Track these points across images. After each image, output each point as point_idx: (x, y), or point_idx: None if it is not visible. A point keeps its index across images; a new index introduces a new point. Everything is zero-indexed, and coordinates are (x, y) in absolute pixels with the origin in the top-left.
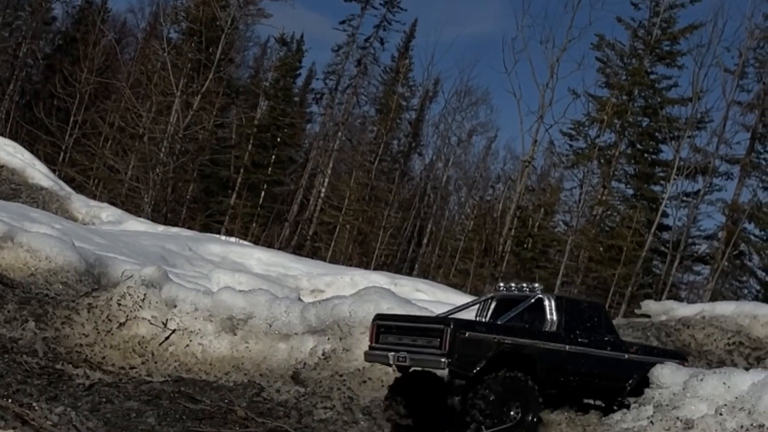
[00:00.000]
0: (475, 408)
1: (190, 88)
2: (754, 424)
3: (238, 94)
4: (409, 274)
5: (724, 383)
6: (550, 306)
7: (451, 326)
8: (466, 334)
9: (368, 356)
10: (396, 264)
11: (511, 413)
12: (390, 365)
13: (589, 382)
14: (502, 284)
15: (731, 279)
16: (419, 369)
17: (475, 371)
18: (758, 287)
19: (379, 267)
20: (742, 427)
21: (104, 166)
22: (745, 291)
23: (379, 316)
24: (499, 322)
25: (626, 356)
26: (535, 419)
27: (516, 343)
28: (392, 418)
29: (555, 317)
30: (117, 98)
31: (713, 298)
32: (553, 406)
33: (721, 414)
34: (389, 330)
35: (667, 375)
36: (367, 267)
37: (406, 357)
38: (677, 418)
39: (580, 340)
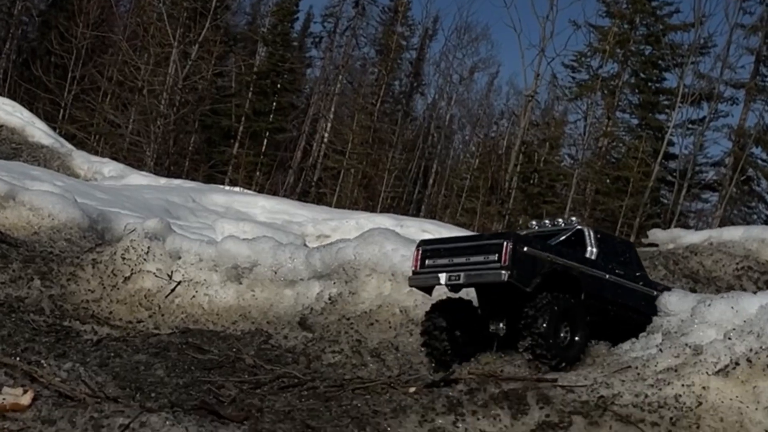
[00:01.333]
0: (529, 328)
1: (187, 37)
2: (763, 347)
3: (236, 41)
4: (416, 215)
5: (732, 307)
6: (589, 236)
7: (512, 240)
8: (525, 249)
9: (414, 281)
10: (402, 206)
11: (561, 335)
12: (441, 284)
13: (624, 313)
14: (534, 222)
15: (740, 205)
16: (454, 297)
17: (532, 286)
18: (767, 212)
19: (385, 210)
20: (751, 350)
21: (104, 122)
22: (754, 216)
23: (424, 242)
24: (551, 243)
25: (655, 293)
26: (582, 341)
27: (566, 265)
28: (430, 344)
29: (595, 248)
30: (114, 52)
31: (722, 225)
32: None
33: (729, 338)
34: (437, 253)
35: (674, 302)
36: (373, 210)
37: (460, 275)
38: (686, 344)
39: (617, 271)
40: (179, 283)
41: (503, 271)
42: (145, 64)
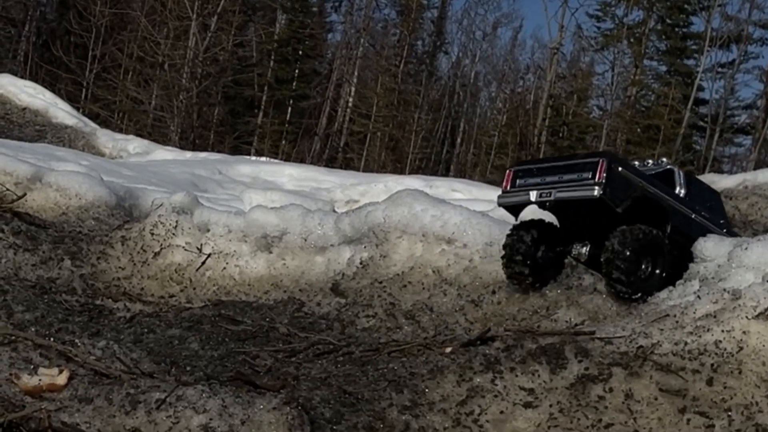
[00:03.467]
0: (612, 255)
1: (205, 9)
2: None
3: (255, 10)
4: (445, 175)
5: None
6: (679, 177)
7: (607, 158)
8: (620, 169)
9: (502, 199)
10: (431, 167)
11: (642, 266)
12: (531, 202)
13: None
14: (637, 162)
15: None
16: (537, 219)
17: (623, 207)
18: None
19: (414, 171)
20: None
21: (127, 99)
22: None
23: (518, 163)
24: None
25: None
26: (662, 275)
27: (657, 195)
28: (509, 265)
29: (683, 188)
30: (133, 28)
31: (757, 168)
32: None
33: None
34: (529, 172)
35: (710, 247)
36: (401, 173)
37: (552, 192)
38: (724, 289)
39: (703, 214)
40: (209, 255)
41: (596, 187)
42: (164, 38)
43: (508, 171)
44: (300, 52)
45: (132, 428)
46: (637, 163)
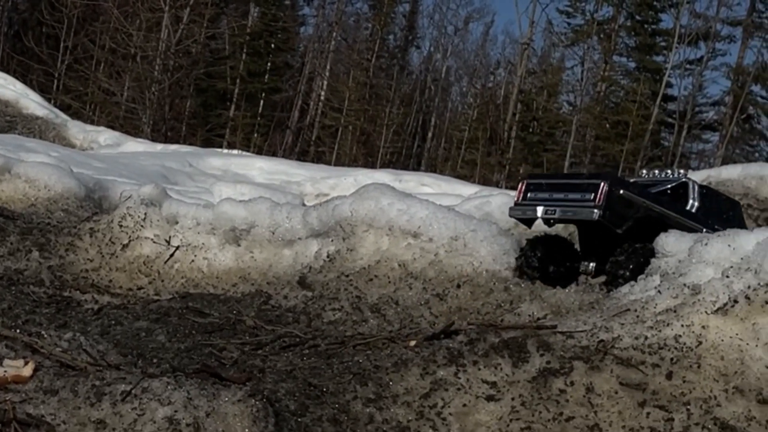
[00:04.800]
0: (613, 272)
1: (178, 1)
2: (761, 284)
3: (228, 2)
4: (416, 169)
5: (729, 245)
6: (693, 189)
7: (608, 180)
8: (621, 191)
9: (513, 211)
10: (402, 161)
11: None
12: (537, 218)
13: None
14: (644, 171)
15: (742, 144)
16: (551, 234)
17: (623, 228)
18: None
19: (385, 165)
20: (749, 287)
21: (99, 90)
22: (756, 155)
23: (530, 176)
24: (650, 191)
25: None
26: None
27: (662, 213)
28: (522, 272)
29: (697, 201)
30: (105, 19)
31: (724, 165)
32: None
33: (727, 276)
34: (539, 187)
35: (671, 243)
36: (372, 166)
37: (556, 210)
38: (684, 284)
39: (715, 227)
40: (177, 248)
41: (596, 210)
42: (136, 30)
43: (520, 183)
44: (272, 45)
45: (97, 420)
46: (657, 171)
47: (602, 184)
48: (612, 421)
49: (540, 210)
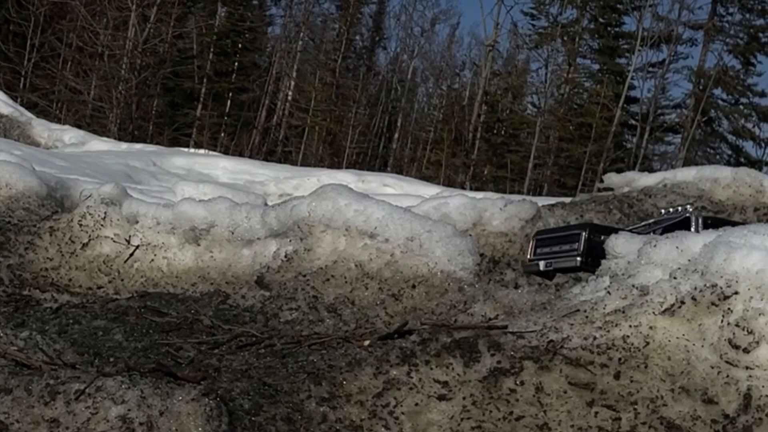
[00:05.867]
0: None
1: (145, 0)
2: (707, 285)
3: (195, 2)
4: (383, 170)
5: (677, 247)
6: (696, 224)
7: (587, 230)
8: (601, 237)
9: (527, 268)
10: (368, 162)
11: None
12: (542, 271)
13: None
14: (663, 210)
15: (704, 146)
16: None
17: None
18: (729, 152)
19: (352, 165)
20: (695, 288)
21: (66, 89)
22: (718, 157)
23: (539, 232)
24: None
25: None
26: None
27: None
28: None
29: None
30: (72, 18)
31: (686, 167)
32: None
33: (675, 278)
34: (543, 242)
35: (621, 244)
36: (339, 167)
37: (552, 262)
38: (633, 285)
39: None
40: (137, 247)
41: (578, 258)
42: (104, 28)
43: (532, 240)
44: (239, 45)
45: (51, 419)
46: (671, 209)
47: (582, 233)
48: (561, 420)
49: (542, 264)
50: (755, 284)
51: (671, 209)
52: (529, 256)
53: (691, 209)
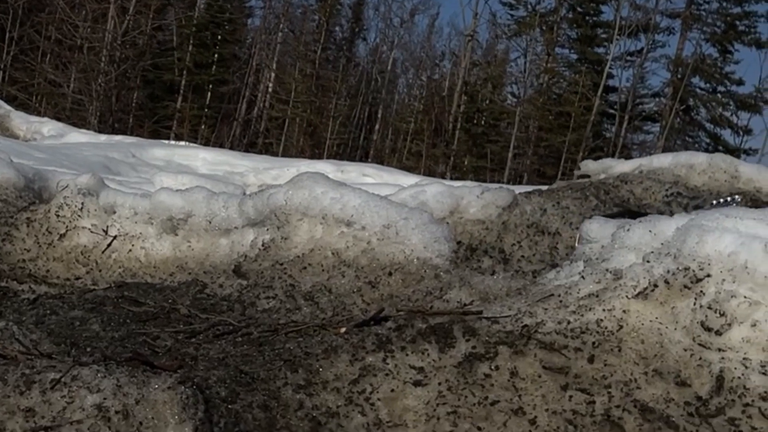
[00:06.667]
0: None
1: None
2: (680, 268)
3: None
4: (364, 161)
5: (650, 231)
6: None
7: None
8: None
9: None
10: (349, 152)
11: None
12: None
13: None
14: (714, 201)
15: (683, 135)
16: None
17: None
18: (708, 140)
19: (332, 156)
20: (668, 271)
21: (45, 82)
22: (696, 146)
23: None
24: None
25: None
26: None
27: None
28: None
29: None
30: (51, 10)
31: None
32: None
33: (648, 261)
34: None
35: (595, 229)
36: (320, 158)
37: None
38: (607, 269)
39: None
40: (115, 237)
41: None
42: (83, 21)
43: (580, 230)
44: (219, 37)
45: (26, 408)
46: None
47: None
48: (536, 405)
49: None
50: (727, 267)
51: (721, 200)
52: (576, 245)
53: (739, 199)
